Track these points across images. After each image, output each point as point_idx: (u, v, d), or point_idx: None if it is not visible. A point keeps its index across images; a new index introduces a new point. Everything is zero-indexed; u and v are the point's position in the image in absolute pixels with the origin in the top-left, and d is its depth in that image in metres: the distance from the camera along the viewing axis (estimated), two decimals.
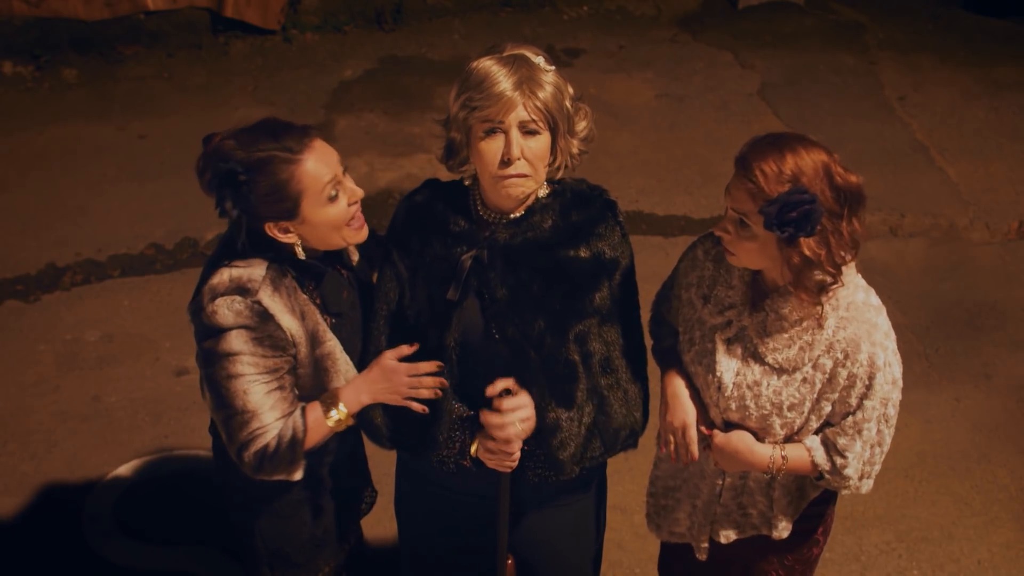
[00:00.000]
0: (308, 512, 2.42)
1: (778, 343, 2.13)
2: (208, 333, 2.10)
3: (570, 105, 2.11)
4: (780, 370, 2.14)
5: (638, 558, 3.37)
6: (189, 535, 3.40)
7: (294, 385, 2.20)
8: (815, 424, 2.19)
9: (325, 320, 2.22)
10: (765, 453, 2.20)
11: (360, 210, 2.19)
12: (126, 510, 3.48)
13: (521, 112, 2.03)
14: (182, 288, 4.25)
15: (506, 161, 2.05)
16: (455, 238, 2.19)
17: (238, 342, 2.09)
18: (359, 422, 2.26)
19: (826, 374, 2.12)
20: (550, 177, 2.17)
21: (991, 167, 5.37)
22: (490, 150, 2.06)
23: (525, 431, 2.13)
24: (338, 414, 2.18)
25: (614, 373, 2.21)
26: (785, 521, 2.36)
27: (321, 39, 6.17)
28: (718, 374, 2.19)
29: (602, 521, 2.51)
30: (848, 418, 2.15)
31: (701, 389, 2.26)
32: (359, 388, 2.20)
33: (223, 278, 2.11)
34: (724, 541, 2.42)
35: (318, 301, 2.22)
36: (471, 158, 2.13)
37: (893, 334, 2.15)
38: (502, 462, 2.17)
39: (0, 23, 5.71)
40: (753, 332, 2.15)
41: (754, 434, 2.21)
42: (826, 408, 2.16)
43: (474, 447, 2.20)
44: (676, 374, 2.31)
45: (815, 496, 2.35)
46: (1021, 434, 3.93)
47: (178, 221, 4.68)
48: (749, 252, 2.07)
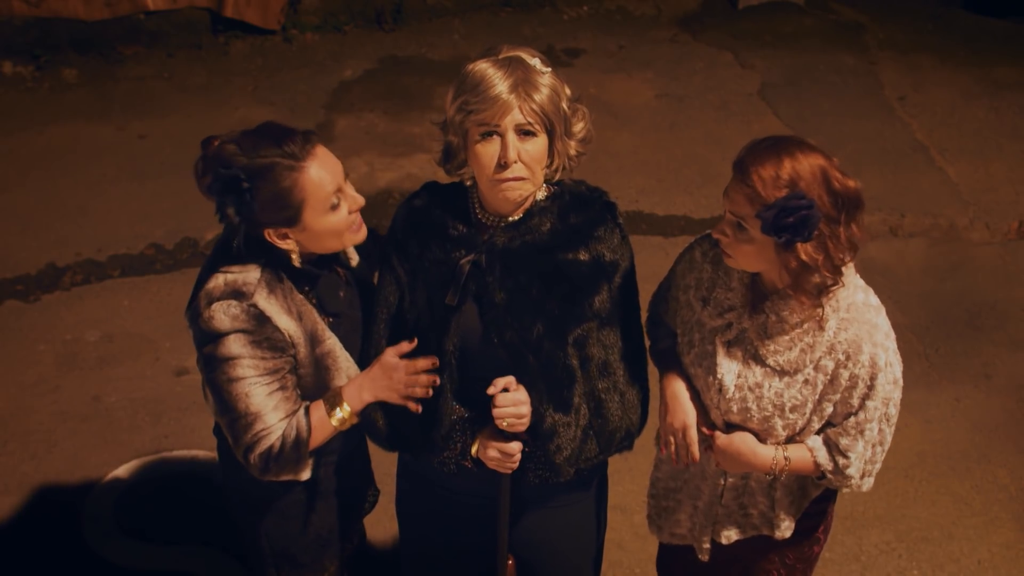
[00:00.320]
0: (312, 512, 2.42)
1: (779, 345, 2.13)
2: (206, 338, 2.10)
3: (567, 107, 2.09)
4: (782, 372, 2.14)
5: (638, 558, 3.37)
6: (189, 535, 3.40)
7: (296, 385, 2.20)
8: (817, 425, 2.19)
9: (323, 319, 2.22)
10: (767, 454, 2.20)
11: (359, 214, 2.19)
12: (126, 510, 3.48)
13: (517, 115, 2.02)
14: (182, 288, 4.24)
15: (503, 164, 2.04)
16: (454, 242, 2.18)
17: (236, 346, 2.09)
18: (361, 424, 2.25)
19: (828, 375, 2.12)
20: (548, 179, 2.16)
21: (991, 167, 5.37)
22: (486, 153, 2.05)
23: (521, 426, 2.13)
24: (342, 412, 2.19)
25: (612, 376, 2.21)
26: (787, 521, 2.36)
27: (321, 39, 6.17)
28: (719, 376, 2.19)
29: (603, 521, 2.51)
30: (850, 418, 2.15)
31: (702, 391, 2.26)
32: (361, 386, 2.20)
33: (218, 283, 2.11)
34: (725, 542, 2.41)
35: (314, 302, 2.22)
36: (469, 161, 2.12)
37: (893, 334, 2.15)
38: (502, 464, 2.17)
39: (0, 23, 5.71)
40: (754, 334, 2.15)
41: (756, 435, 2.21)
42: (828, 409, 2.16)
43: (474, 448, 2.20)
44: (675, 375, 2.30)
45: (816, 495, 2.35)
46: (1021, 434, 3.93)
47: (178, 221, 4.68)
48: (747, 255, 2.07)
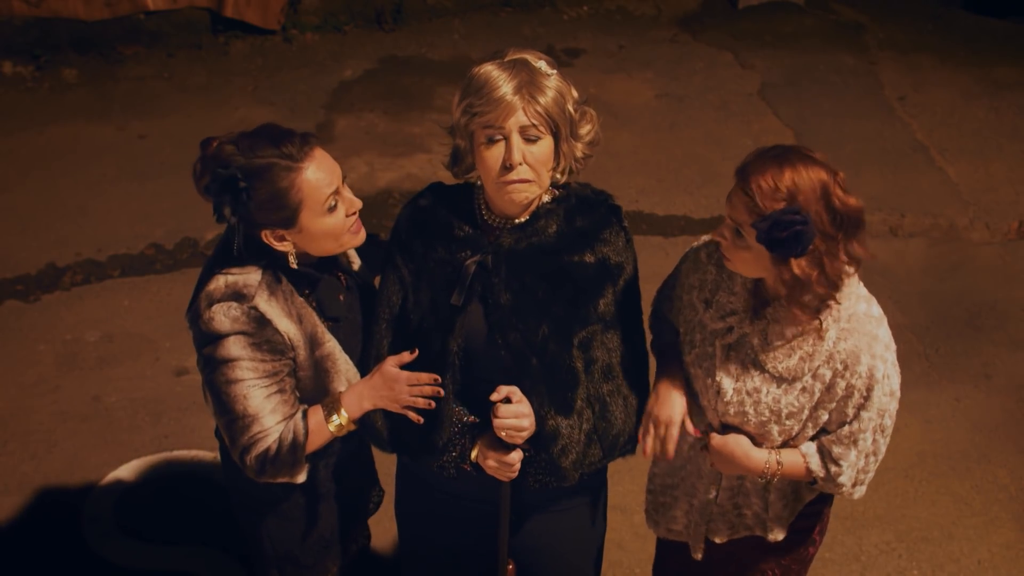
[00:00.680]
0: (315, 513, 2.42)
1: (779, 352, 2.12)
2: (206, 340, 2.11)
3: (572, 109, 2.09)
4: (780, 379, 2.14)
5: (638, 558, 3.37)
6: (189, 535, 3.41)
7: (295, 388, 2.20)
8: (811, 431, 2.19)
9: (323, 323, 2.22)
10: (760, 458, 2.20)
11: (358, 217, 2.19)
12: (126, 510, 3.48)
13: (521, 117, 2.01)
14: (182, 288, 4.24)
15: (508, 166, 2.03)
16: (459, 243, 2.17)
17: (236, 348, 2.09)
18: (360, 426, 2.25)
19: (825, 384, 2.12)
20: (554, 182, 2.16)
21: (991, 167, 5.37)
22: (492, 156, 2.04)
23: (519, 438, 2.12)
24: (339, 419, 2.18)
25: (615, 379, 2.21)
26: (780, 523, 2.36)
27: (321, 39, 6.17)
28: (718, 379, 2.19)
29: (603, 525, 2.51)
30: (844, 427, 2.15)
31: (700, 392, 2.26)
32: (361, 394, 2.19)
33: (219, 284, 2.11)
34: (719, 540, 2.42)
35: (314, 305, 2.22)
36: (475, 164, 2.12)
37: (893, 345, 2.14)
38: (501, 472, 2.16)
39: (0, 23, 5.71)
40: (754, 340, 2.15)
41: (751, 438, 2.22)
42: (823, 417, 2.16)
43: (474, 453, 2.20)
44: (674, 370, 2.28)
45: (810, 499, 2.35)
46: (1021, 434, 3.93)
47: (178, 221, 4.68)
48: (744, 261, 2.07)
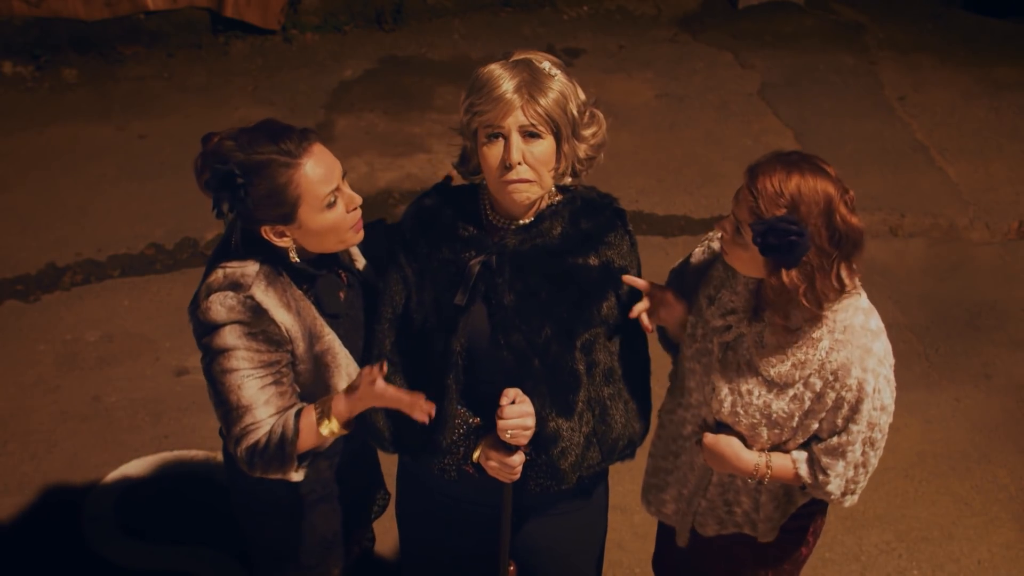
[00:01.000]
0: (317, 514, 2.42)
1: (772, 357, 2.13)
2: (204, 329, 2.12)
3: (576, 110, 2.08)
4: (772, 383, 2.14)
5: (638, 558, 3.37)
6: (189, 535, 3.40)
7: (293, 381, 2.20)
8: (802, 439, 2.20)
9: (322, 317, 2.22)
10: (750, 460, 2.21)
11: (359, 214, 2.19)
12: (126, 510, 3.48)
13: (520, 116, 2.01)
14: (182, 288, 4.24)
15: (507, 166, 2.03)
16: (464, 243, 2.17)
17: (232, 337, 2.09)
18: (361, 425, 2.24)
19: (815, 393, 2.12)
20: (557, 182, 2.15)
21: (991, 167, 5.37)
22: (492, 155, 2.05)
23: (524, 438, 2.12)
24: (331, 425, 2.16)
25: (617, 383, 2.21)
26: (769, 525, 2.36)
27: (321, 39, 6.17)
28: (713, 376, 2.20)
29: (604, 528, 2.51)
30: (834, 438, 2.15)
31: (697, 387, 2.26)
32: (352, 407, 2.16)
33: (218, 276, 2.13)
34: (711, 533, 2.42)
35: (312, 299, 2.21)
36: (479, 163, 2.12)
37: (890, 359, 2.13)
38: (503, 474, 2.16)
39: (0, 23, 5.71)
40: (750, 341, 2.15)
41: (743, 439, 2.22)
42: (813, 425, 2.16)
43: (476, 453, 2.19)
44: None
45: (802, 503, 2.35)
46: (1021, 434, 3.93)
47: (178, 221, 4.68)
48: (740, 259, 2.07)
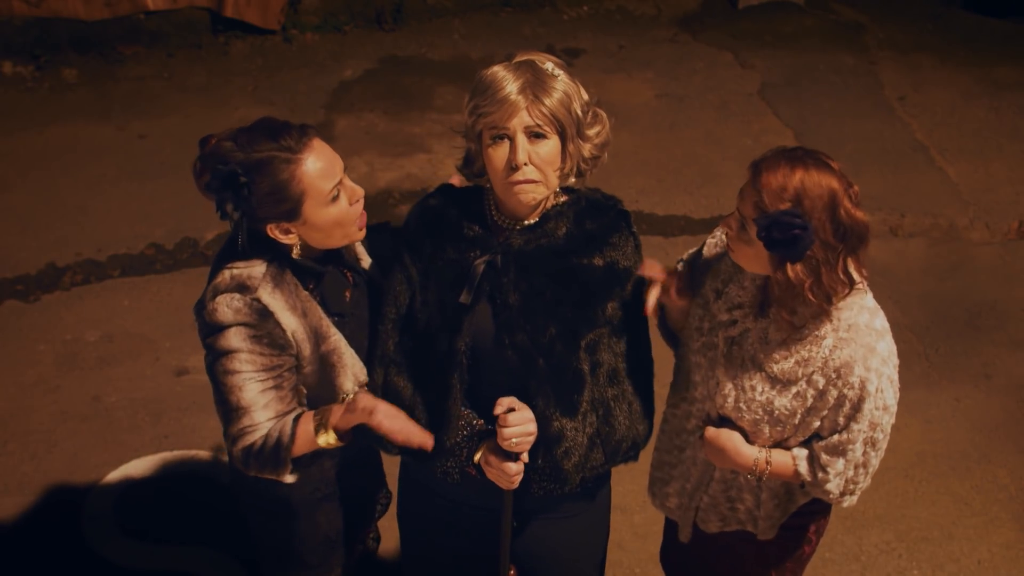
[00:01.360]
0: (321, 513, 2.42)
1: (776, 353, 2.13)
2: (209, 330, 2.12)
3: (580, 110, 2.09)
4: (775, 380, 2.14)
5: (638, 558, 3.37)
6: (189, 535, 3.41)
7: (295, 386, 2.20)
8: (803, 436, 2.20)
9: (328, 317, 2.22)
10: (750, 455, 2.21)
11: (362, 207, 2.19)
12: (126, 510, 3.48)
13: (525, 117, 2.02)
14: (182, 288, 4.24)
15: (513, 167, 2.04)
16: (469, 243, 2.18)
17: (236, 339, 2.10)
18: (365, 428, 2.24)
19: (818, 391, 2.12)
20: (563, 183, 2.16)
21: (991, 167, 5.37)
22: (498, 156, 2.05)
23: (527, 444, 2.12)
24: (327, 436, 2.15)
25: (620, 384, 2.21)
26: (770, 523, 2.36)
27: (321, 39, 6.17)
28: (717, 371, 2.20)
29: (606, 530, 2.51)
30: (835, 436, 2.15)
31: (702, 381, 2.26)
32: (349, 423, 2.15)
33: (225, 277, 2.13)
34: (713, 530, 2.42)
35: (318, 299, 2.22)
36: (485, 165, 2.12)
37: (894, 359, 2.12)
38: (503, 481, 2.16)
39: (0, 23, 5.71)
40: (755, 337, 2.15)
41: (745, 434, 2.22)
42: (815, 423, 2.16)
43: (478, 455, 2.19)
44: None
45: (804, 502, 2.35)
46: (1021, 434, 3.93)
47: (178, 221, 4.68)
48: (746, 255, 2.07)
